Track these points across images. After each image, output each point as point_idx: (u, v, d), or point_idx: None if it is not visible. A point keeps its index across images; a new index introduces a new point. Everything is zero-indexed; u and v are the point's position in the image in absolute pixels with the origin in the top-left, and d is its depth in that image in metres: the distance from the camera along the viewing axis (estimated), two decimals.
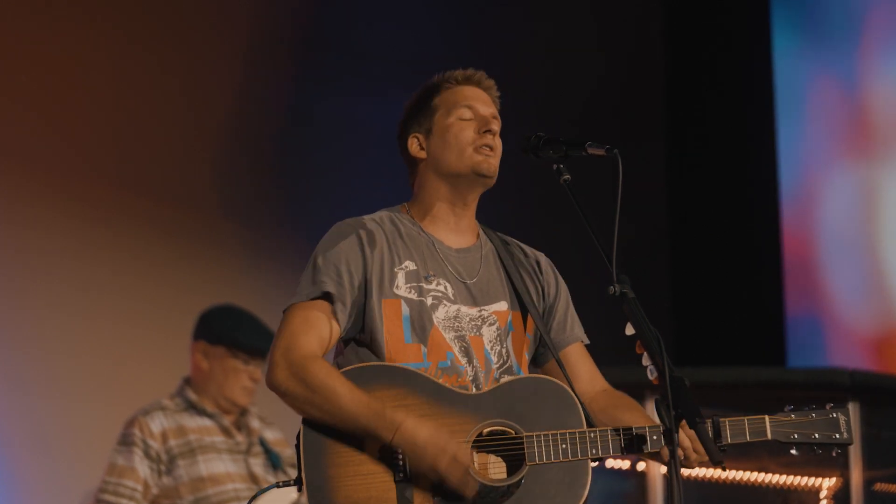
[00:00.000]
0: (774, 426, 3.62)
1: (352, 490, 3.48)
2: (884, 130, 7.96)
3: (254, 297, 6.49)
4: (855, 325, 7.96)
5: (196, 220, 7.02)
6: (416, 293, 3.63)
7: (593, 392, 3.75)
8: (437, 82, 3.77)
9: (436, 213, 3.72)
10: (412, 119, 3.76)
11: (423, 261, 3.66)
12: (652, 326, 3.40)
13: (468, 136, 3.68)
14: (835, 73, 8.12)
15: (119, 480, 5.55)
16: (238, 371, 5.73)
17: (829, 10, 8.18)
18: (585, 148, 3.59)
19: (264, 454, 5.75)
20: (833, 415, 3.65)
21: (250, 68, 7.23)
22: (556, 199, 3.79)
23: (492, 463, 3.54)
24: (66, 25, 6.72)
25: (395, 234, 3.68)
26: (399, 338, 3.59)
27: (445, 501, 3.48)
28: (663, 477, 5.89)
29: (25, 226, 6.53)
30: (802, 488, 5.95)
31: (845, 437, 3.66)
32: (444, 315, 3.63)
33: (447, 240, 3.72)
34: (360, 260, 3.61)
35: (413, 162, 3.75)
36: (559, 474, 3.51)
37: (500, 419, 3.53)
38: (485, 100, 3.75)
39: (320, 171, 7.30)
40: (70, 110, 6.71)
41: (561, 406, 3.56)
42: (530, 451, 3.50)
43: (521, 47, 7.89)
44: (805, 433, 3.63)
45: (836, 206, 8.07)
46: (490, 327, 3.67)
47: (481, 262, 3.73)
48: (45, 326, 6.52)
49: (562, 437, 3.51)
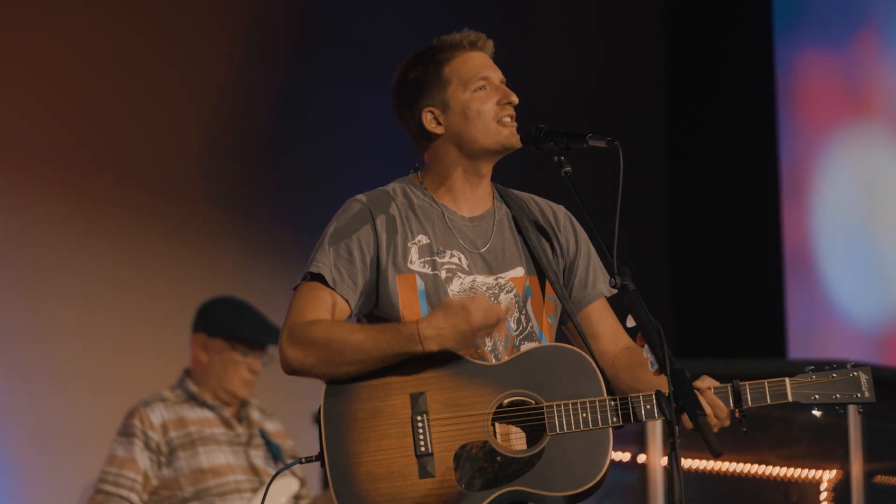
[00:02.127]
0: (795, 388, 3.58)
1: (374, 465, 3.49)
2: (885, 121, 7.95)
3: (253, 289, 6.49)
4: (856, 317, 7.96)
5: (195, 213, 7.02)
6: (430, 267, 3.63)
7: (616, 350, 3.73)
8: (441, 49, 3.70)
9: (451, 185, 3.70)
10: (422, 91, 3.69)
11: (435, 234, 3.65)
12: (653, 318, 3.39)
13: (490, 108, 3.65)
14: (835, 60, 8.10)
15: (119, 471, 5.55)
16: (237, 363, 5.73)
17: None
18: (586, 140, 3.57)
19: (265, 446, 5.75)
20: (854, 374, 3.62)
21: (248, 60, 7.22)
22: (556, 190, 3.77)
23: (513, 433, 3.54)
24: (64, 21, 6.70)
25: (408, 208, 3.67)
26: (416, 312, 3.59)
27: (467, 474, 3.49)
28: (664, 469, 5.89)
29: (24, 219, 6.52)
30: (803, 481, 5.94)
31: (867, 396, 3.62)
32: (458, 287, 3.63)
33: (460, 209, 3.70)
34: (372, 236, 3.61)
35: (427, 136, 3.70)
36: (580, 443, 3.51)
37: (520, 389, 3.53)
38: (491, 64, 3.71)
39: (318, 163, 7.29)
40: (68, 103, 6.70)
41: (581, 374, 3.55)
42: (551, 420, 3.50)
43: (520, 36, 7.87)
44: (826, 393, 3.60)
45: (837, 198, 8.05)
46: (507, 294, 3.66)
47: (494, 228, 3.71)
48: (45, 319, 6.51)
49: (582, 406, 3.51)
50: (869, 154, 8.00)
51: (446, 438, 3.50)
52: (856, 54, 8.03)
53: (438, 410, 3.51)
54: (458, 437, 3.50)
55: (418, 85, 3.70)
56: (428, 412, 3.51)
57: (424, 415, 3.51)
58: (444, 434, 3.51)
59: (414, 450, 3.50)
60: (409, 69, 3.72)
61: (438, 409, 3.51)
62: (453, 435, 3.51)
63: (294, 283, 3.63)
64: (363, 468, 3.49)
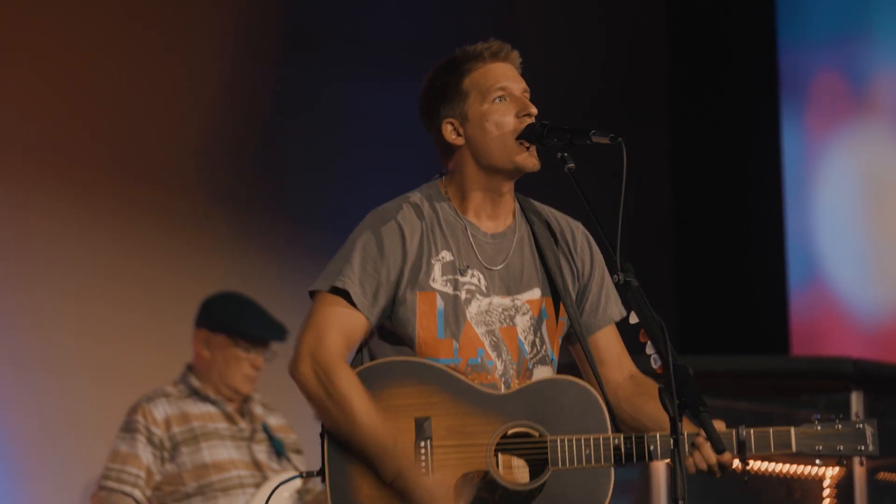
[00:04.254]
0: (800, 438, 3.58)
1: (374, 488, 3.47)
2: (888, 119, 7.95)
3: (256, 284, 6.48)
4: (858, 314, 7.96)
5: (198, 207, 7.01)
6: (452, 286, 3.59)
7: (620, 378, 3.72)
8: (463, 60, 3.67)
9: (472, 198, 3.65)
10: (442, 102, 3.66)
11: (459, 251, 3.62)
12: (656, 315, 3.38)
13: (508, 122, 3.62)
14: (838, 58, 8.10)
15: (122, 467, 5.55)
16: (239, 359, 5.72)
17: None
18: (590, 136, 3.55)
19: (268, 441, 5.75)
20: (859, 426, 3.60)
21: (248, 56, 7.21)
22: (560, 187, 3.77)
23: (515, 464, 3.52)
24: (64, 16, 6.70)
25: (434, 221, 3.62)
26: (433, 332, 3.56)
27: (466, 502, 3.47)
28: (667, 466, 5.88)
29: (26, 213, 6.52)
30: (806, 477, 5.94)
31: (871, 450, 3.60)
32: (476, 310, 3.60)
33: (483, 225, 3.66)
34: (400, 254, 3.57)
35: (448, 147, 3.67)
36: (582, 479, 3.49)
37: (525, 421, 3.51)
38: (514, 75, 3.68)
39: (320, 159, 7.28)
40: (68, 98, 6.69)
41: (587, 409, 3.52)
42: (553, 455, 3.48)
43: (523, 33, 7.86)
44: (830, 445, 3.58)
45: (841, 194, 8.05)
46: (524, 317, 3.64)
47: (514, 246, 3.68)
48: (46, 313, 6.51)
49: (586, 442, 3.49)
50: (872, 152, 8.00)
51: (448, 465, 3.48)
52: (858, 53, 8.03)
53: (443, 437, 3.49)
54: (459, 465, 3.48)
55: (439, 96, 3.67)
56: (432, 437, 3.49)
57: (428, 440, 3.48)
58: (446, 461, 3.48)
59: None
60: (432, 80, 3.69)
61: (443, 435, 3.49)
62: (455, 463, 3.48)
63: (294, 279, 3.63)
64: (364, 490, 3.47)
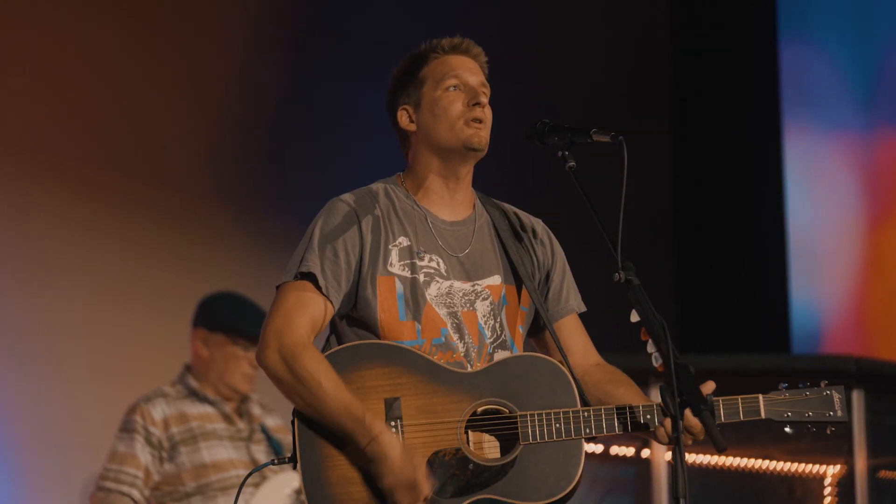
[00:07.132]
0: (768, 405, 3.62)
1: (346, 469, 3.49)
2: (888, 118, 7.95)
3: (254, 283, 6.47)
4: (860, 312, 7.95)
5: (197, 207, 7.01)
6: (409, 270, 3.62)
7: (586, 365, 3.75)
8: (424, 52, 3.73)
9: (429, 187, 3.70)
10: (400, 90, 3.72)
11: (416, 236, 3.65)
12: (657, 313, 3.39)
13: (457, 108, 3.66)
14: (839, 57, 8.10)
15: (120, 467, 5.55)
16: (238, 358, 5.73)
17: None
18: (590, 135, 3.56)
19: (266, 441, 5.75)
20: (826, 392, 3.66)
21: (254, 54, 7.22)
22: (561, 185, 3.76)
23: (486, 442, 3.54)
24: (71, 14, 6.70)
25: (390, 209, 3.66)
26: (394, 315, 3.58)
27: (439, 481, 3.49)
28: (667, 464, 5.88)
29: (27, 212, 6.51)
30: (807, 475, 5.94)
31: (839, 416, 3.64)
32: (436, 291, 3.62)
33: (441, 213, 3.70)
34: (357, 237, 3.60)
35: (404, 134, 3.73)
36: (553, 453, 3.51)
37: (494, 398, 3.53)
38: (472, 68, 3.71)
39: (320, 157, 7.28)
40: (73, 97, 6.69)
41: (555, 384, 3.55)
42: (524, 430, 3.50)
43: (524, 32, 7.86)
44: (798, 411, 3.63)
45: (842, 192, 8.05)
46: (483, 302, 3.66)
47: (474, 234, 3.71)
48: (46, 313, 6.51)
49: (555, 416, 3.51)
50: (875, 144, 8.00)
51: (419, 444, 3.49)
52: (859, 51, 8.03)
53: (412, 416, 3.51)
54: (431, 444, 3.50)
55: (398, 83, 3.74)
56: (402, 417, 3.50)
57: (398, 420, 3.50)
58: (417, 440, 3.50)
59: None
60: (395, 71, 3.76)
61: (412, 414, 3.51)
62: (426, 441, 3.50)
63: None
64: (336, 472, 3.48)
